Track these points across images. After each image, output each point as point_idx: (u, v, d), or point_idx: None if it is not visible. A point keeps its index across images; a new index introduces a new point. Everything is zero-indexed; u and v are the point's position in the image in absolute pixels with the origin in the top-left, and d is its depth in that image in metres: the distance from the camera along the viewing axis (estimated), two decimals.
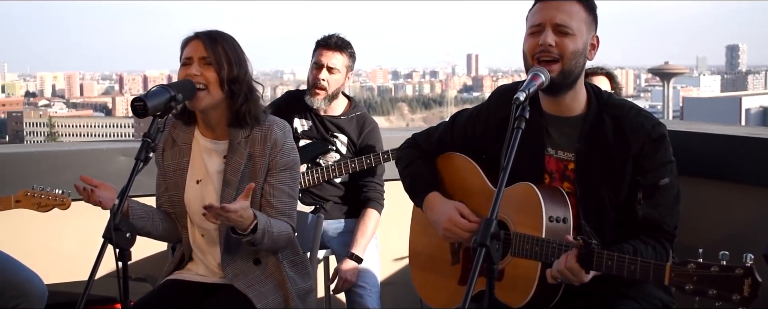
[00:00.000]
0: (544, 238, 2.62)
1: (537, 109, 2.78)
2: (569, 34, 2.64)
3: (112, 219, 2.56)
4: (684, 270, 2.23)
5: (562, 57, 2.63)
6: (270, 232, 2.98)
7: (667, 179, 2.70)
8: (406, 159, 3.18)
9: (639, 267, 2.35)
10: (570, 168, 2.77)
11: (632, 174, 2.69)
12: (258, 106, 3.11)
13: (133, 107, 2.72)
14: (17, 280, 3.68)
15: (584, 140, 2.74)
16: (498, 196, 2.22)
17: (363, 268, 4.30)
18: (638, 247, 2.61)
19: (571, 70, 2.66)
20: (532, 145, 2.78)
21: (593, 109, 2.75)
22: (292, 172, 3.16)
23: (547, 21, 2.64)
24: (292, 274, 3.20)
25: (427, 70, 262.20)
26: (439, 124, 3.20)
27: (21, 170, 4.76)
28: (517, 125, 2.35)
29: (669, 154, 2.73)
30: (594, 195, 2.72)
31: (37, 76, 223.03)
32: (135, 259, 4.52)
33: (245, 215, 2.86)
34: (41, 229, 3.75)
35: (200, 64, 3.01)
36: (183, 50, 3.08)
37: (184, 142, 3.18)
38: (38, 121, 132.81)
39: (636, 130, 2.69)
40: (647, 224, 2.70)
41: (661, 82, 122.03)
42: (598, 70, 4.61)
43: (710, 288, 2.18)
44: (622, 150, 2.69)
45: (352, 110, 4.47)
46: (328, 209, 4.45)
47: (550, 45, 2.62)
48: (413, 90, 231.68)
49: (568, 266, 2.47)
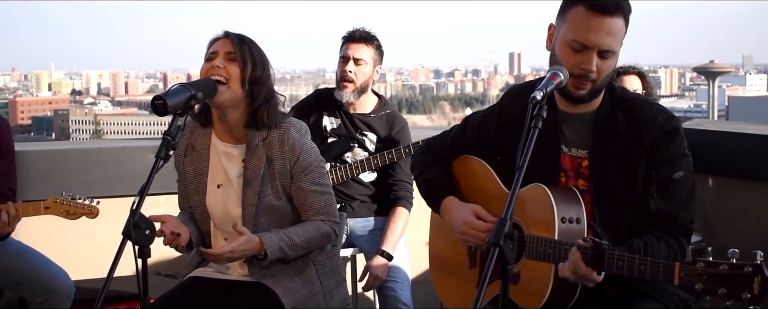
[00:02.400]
0: (558, 240, 2.60)
1: (552, 107, 2.76)
2: (610, 57, 2.62)
3: (131, 216, 2.58)
4: (693, 269, 2.20)
5: (598, 78, 2.63)
6: (293, 245, 3.04)
7: (681, 173, 2.67)
8: (420, 165, 3.18)
9: (649, 267, 2.33)
10: (584, 165, 2.75)
11: (646, 168, 2.66)
12: (277, 111, 3.12)
13: (153, 105, 2.73)
14: (45, 276, 3.74)
15: (597, 136, 2.72)
16: (513, 194, 2.21)
17: (393, 264, 4.30)
18: (650, 242, 2.59)
19: (601, 87, 2.67)
20: (547, 143, 2.76)
21: (606, 105, 2.73)
22: (319, 170, 3.17)
23: (596, 46, 2.58)
24: (321, 269, 3.22)
25: (469, 69, 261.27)
26: (452, 127, 3.18)
27: (50, 168, 4.83)
28: (534, 124, 2.33)
29: (683, 147, 2.69)
30: (609, 191, 2.70)
31: (83, 74, 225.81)
32: (166, 256, 4.59)
33: (249, 247, 2.97)
34: (71, 227, 3.79)
35: (225, 59, 3.03)
36: (209, 48, 3.11)
37: (202, 147, 3.19)
38: (84, 119, 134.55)
39: (649, 124, 2.66)
40: (661, 219, 2.66)
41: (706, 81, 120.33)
42: (630, 69, 4.58)
43: (720, 287, 2.14)
44: (636, 144, 2.66)
45: (382, 108, 4.47)
46: (356, 208, 4.45)
47: (592, 71, 2.60)
48: (455, 88, 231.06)
49: (580, 274, 2.45)
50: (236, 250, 2.95)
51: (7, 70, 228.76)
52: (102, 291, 2.50)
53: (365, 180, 4.46)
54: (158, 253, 4.65)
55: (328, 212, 3.17)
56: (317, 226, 3.13)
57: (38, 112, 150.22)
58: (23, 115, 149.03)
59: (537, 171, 2.73)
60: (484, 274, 2.07)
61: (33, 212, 3.46)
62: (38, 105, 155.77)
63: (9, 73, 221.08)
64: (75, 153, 5.01)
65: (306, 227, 3.11)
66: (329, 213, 3.18)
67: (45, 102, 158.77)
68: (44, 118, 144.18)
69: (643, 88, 4.49)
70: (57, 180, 4.80)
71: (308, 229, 3.10)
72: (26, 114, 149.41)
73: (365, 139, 4.41)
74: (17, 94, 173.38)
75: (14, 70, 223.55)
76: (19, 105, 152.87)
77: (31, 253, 3.85)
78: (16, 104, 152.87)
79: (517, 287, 2.73)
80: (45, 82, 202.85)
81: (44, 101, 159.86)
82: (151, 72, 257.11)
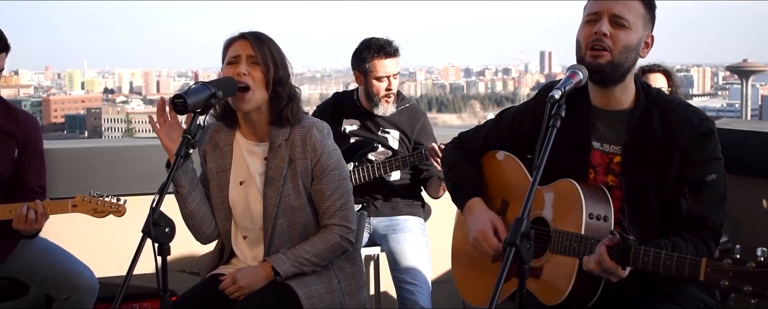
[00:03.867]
0: (584, 235, 2.59)
1: (585, 102, 2.77)
2: (625, 27, 2.63)
3: (150, 214, 2.59)
4: (720, 265, 2.19)
5: (613, 48, 2.61)
6: (306, 261, 3.11)
7: (714, 175, 2.66)
8: (450, 160, 3.17)
9: (675, 262, 2.32)
10: (615, 161, 2.74)
11: (678, 168, 2.65)
12: (299, 107, 3.14)
13: (173, 104, 2.74)
14: (69, 273, 3.78)
15: (632, 133, 2.71)
16: (530, 193, 2.20)
17: (413, 266, 4.29)
18: (678, 243, 2.57)
19: (620, 63, 2.64)
20: (579, 137, 2.77)
21: (641, 103, 2.73)
22: (339, 172, 3.17)
23: (605, 11, 2.64)
24: (340, 269, 3.23)
25: (499, 68, 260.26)
26: (486, 121, 3.18)
27: (77, 166, 4.88)
28: (553, 124, 2.34)
29: (717, 150, 2.69)
30: (639, 189, 2.69)
31: (116, 72, 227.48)
32: (192, 253, 4.61)
33: (257, 278, 3.08)
34: (95, 224, 3.84)
35: (248, 63, 3.03)
36: (227, 50, 3.10)
37: (226, 144, 3.21)
38: (116, 117, 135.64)
39: (683, 125, 2.66)
40: (691, 220, 2.65)
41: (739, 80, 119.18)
42: (656, 67, 4.56)
43: (746, 284, 2.14)
44: (669, 144, 2.65)
45: (400, 103, 4.46)
46: (379, 207, 4.45)
47: (604, 34, 2.61)
48: (485, 87, 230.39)
49: (605, 267, 2.44)
50: (239, 284, 3.09)
51: (41, 68, 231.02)
52: (121, 288, 2.51)
53: (389, 179, 4.46)
54: (183, 251, 4.69)
55: (344, 216, 3.17)
56: (325, 238, 3.14)
57: (71, 110, 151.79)
58: (56, 113, 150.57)
59: (565, 165, 2.75)
60: (499, 275, 2.06)
61: (61, 210, 3.50)
62: (71, 103, 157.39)
63: (43, 71, 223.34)
64: (101, 151, 5.07)
65: (315, 243, 3.13)
66: (345, 217, 3.17)
67: (78, 100, 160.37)
68: (77, 116, 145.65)
69: (669, 86, 4.47)
70: (83, 178, 4.86)
71: (319, 245, 3.13)
72: (59, 112, 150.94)
73: (387, 137, 4.40)
74: (51, 93, 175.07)
75: (48, 69, 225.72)
76: (52, 103, 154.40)
77: (56, 250, 3.90)
78: (49, 102, 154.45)
79: (539, 281, 2.73)
80: (78, 80, 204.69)
81: (77, 100, 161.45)
82: (182, 71, 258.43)
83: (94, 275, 3.83)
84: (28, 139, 3.81)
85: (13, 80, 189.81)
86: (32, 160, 3.82)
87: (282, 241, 3.14)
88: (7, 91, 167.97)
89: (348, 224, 3.17)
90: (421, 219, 4.52)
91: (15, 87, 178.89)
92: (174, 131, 2.98)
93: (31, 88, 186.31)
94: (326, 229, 3.16)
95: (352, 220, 3.20)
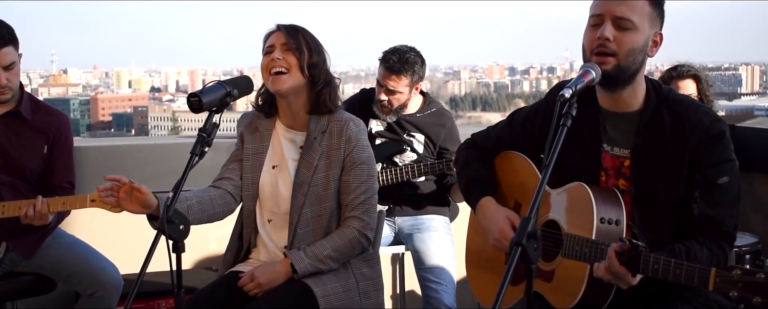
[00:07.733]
0: (595, 240, 2.55)
1: (594, 105, 2.71)
2: (629, 29, 2.54)
3: (164, 212, 2.61)
4: (729, 276, 2.15)
5: (618, 52, 2.53)
6: (325, 257, 3.11)
7: (726, 178, 2.58)
8: (463, 160, 3.15)
9: (684, 271, 2.27)
10: (626, 165, 2.69)
11: (689, 170, 2.59)
12: (337, 94, 3.23)
13: (188, 102, 2.76)
14: (94, 269, 3.82)
15: (641, 136, 2.65)
16: (538, 192, 2.16)
17: (438, 265, 4.29)
18: (692, 248, 2.51)
19: (627, 66, 2.56)
20: (589, 141, 2.72)
21: (651, 104, 2.66)
22: (368, 168, 3.21)
23: (608, 13, 2.55)
24: (357, 269, 3.24)
25: (544, 66, 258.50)
26: (499, 122, 3.15)
27: (106, 163, 4.93)
28: (563, 123, 2.29)
29: (729, 152, 2.60)
30: (650, 192, 2.63)
31: (162, 71, 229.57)
32: (220, 251, 4.64)
33: (276, 275, 3.10)
34: (120, 221, 3.87)
35: (282, 50, 3.13)
36: (265, 42, 3.21)
37: (266, 128, 3.30)
38: (162, 116, 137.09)
39: (694, 125, 2.58)
40: (705, 224, 2.58)
41: None
42: (685, 71, 4.40)
43: (755, 295, 2.10)
44: (679, 145, 2.59)
45: (427, 107, 4.44)
46: (403, 207, 4.44)
47: (607, 39, 2.52)
48: (530, 86, 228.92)
49: (614, 272, 2.41)
50: (258, 280, 3.11)
51: (89, 67, 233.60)
52: (134, 286, 2.55)
53: (416, 180, 4.44)
54: (212, 250, 4.72)
55: (365, 211, 3.19)
56: (344, 234, 3.16)
57: (118, 108, 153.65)
58: (104, 111, 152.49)
59: (577, 169, 2.71)
60: (505, 274, 2.04)
61: (80, 205, 3.54)
62: (118, 102, 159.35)
63: (90, 70, 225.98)
64: (129, 149, 5.12)
65: (334, 240, 3.15)
66: (366, 212, 3.19)
67: (125, 99, 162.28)
68: (124, 114, 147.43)
69: (698, 92, 4.34)
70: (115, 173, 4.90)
71: (337, 241, 3.15)
72: (107, 110, 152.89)
73: (413, 140, 4.39)
74: (98, 91, 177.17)
75: (96, 68, 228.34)
76: (100, 101, 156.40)
77: (82, 246, 3.95)
78: (97, 101, 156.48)
79: (550, 285, 2.71)
80: (125, 79, 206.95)
81: (124, 98, 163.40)
82: (227, 69, 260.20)
83: (119, 271, 3.87)
84: (58, 136, 3.87)
85: (62, 79, 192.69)
86: (61, 157, 3.88)
87: (305, 232, 3.16)
88: (56, 90, 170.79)
89: (368, 219, 3.19)
90: (446, 218, 4.51)
91: (64, 85, 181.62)
92: (132, 197, 3.01)
93: (79, 86, 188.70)
94: (345, 224, 3.18)
95: (372, 216, 3.22)
